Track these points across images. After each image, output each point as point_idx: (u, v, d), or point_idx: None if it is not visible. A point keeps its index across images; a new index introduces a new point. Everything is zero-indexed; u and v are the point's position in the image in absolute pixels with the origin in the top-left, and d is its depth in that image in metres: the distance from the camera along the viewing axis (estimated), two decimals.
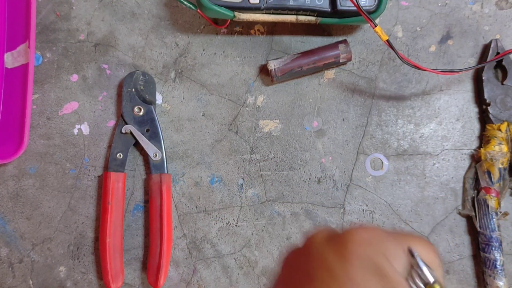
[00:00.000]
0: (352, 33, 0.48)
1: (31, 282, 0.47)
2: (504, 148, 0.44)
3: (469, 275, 0.46)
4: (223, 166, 0.48)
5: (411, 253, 0.23)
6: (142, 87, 0.48)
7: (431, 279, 0.22)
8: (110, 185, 0.46)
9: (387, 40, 0.41)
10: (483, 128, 0.47)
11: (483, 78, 0.46)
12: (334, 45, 0.46)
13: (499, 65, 0.46)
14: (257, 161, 0.48)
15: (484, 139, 0.46)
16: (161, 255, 0.45)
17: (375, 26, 0.40)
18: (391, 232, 0.23)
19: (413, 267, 0.22)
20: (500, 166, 0.44)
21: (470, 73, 0.48)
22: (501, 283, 0.42)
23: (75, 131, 0.48)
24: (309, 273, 0.23)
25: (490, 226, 0.43)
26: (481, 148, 0.45)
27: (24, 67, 0.48)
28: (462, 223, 0.46)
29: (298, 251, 0.25)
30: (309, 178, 0.47)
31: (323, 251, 0.23)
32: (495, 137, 0.44)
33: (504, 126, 0.44)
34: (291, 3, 0.43)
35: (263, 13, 0.44)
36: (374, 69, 0.48)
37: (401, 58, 0.41)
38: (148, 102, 0.47)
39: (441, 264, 0.24)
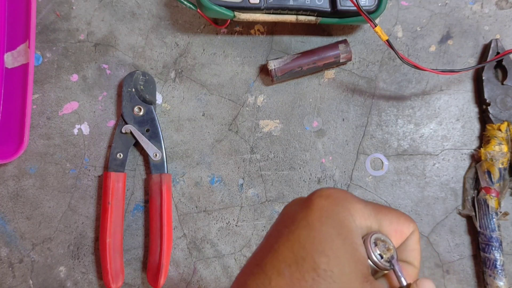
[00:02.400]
0: (352, 33, 0.48)
1: (31, 282, 0.47)
2: (504, 148, 0.44)
3: (469, 275, 0.46)
4: (223, 166, 0.48)
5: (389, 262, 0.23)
6: (142, 87, 0.48)
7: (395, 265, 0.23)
8: (110, 185, 0.46)
9: (387, 40, 0.40)
10: (483, 128, 0.47)
11: (483, 78, 0.46)
12: (334, 45, 0.46)
13: (499, 65, 0.46)
14: (257, 161, 0.48)
15: (484, 139, 0.46)
16: (161, 255, 0.45)
17: (375, 26, 0.40)
18: (362, 199, 0.24)
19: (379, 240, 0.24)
20: (500, 166, 0.44)
21: (470, 73, 0.48)
22: (501, 283, 0.42)
23: (75, 131, 0.48)
24: (279, 221, 0.25)
25: (490, 226, 0.43)
26: (481, 148, 0.45)
27: (24, 67, 0.48)
28: (462, 223, 0.46)
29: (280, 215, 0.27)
30: (309, 178, 0.47)
31: (293, 206, 0.25)
32: (495, 137, 0.44)
33: (504, 126, 0.44)
34: (291, 3, 0.43)
35: (263, 13, 0.44)
36: (374, 69, 0.48)
37: (401, 58, 0.41)
38: (148, 102, 0.47)
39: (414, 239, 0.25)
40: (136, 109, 0.47)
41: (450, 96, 0.48)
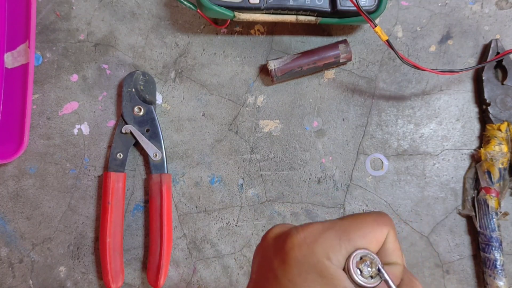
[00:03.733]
0: (352, 33, 0.48)
1: (31, 282, 0.47)
2: (504, 148, 0.44)
3: (469, 275, 0.46)
4: (223, 166, 0.48)
5: (379, 270, 0.23)
6: (142, 87, 0.48)
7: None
8: (110, 185, 0.46)
9: (387, 40, 0.40)
10: (483, 128, 0.47)
11: (483, 78, 0.46)
12: (334, 45, 0.46)
13: (499, 65, 0.46)
14: (257, 161, 0.48)
15: (484, 139, 0.46)
16: (161, 255, 0.45)
17: (375, 26, 0.40)
18: (330, 224, 0.24)
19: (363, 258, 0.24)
20: (500, 166, 0.44)
21: (470, 73, 0.48)
22: (501, 283, 0.42)
23: (75, 131, 0.48)
24: (261, 273, 0.25)
25: (490, 226, 0.43)
26: (481, 148, 0.45)
27: (24, 67, 0.48)
28: (462, 223, 0.46)
29: (258, 248, 0.27)
30: (309, 178, 0.47)
31: (270, 253, 0.24)
32: (495, 137, 0.44)
33: (504, 126, 0.44)
34: (291, 3, 0.43)
35: (263, 13, 0.44)
36: (374, 69, 0.48)
37: (401, 58, 0.41)
38: (148, 102, 0.47)
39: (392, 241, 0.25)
40: (136, 109, 0.47)
41: (450, 96, 0.48)
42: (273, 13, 0.44)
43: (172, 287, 0.47)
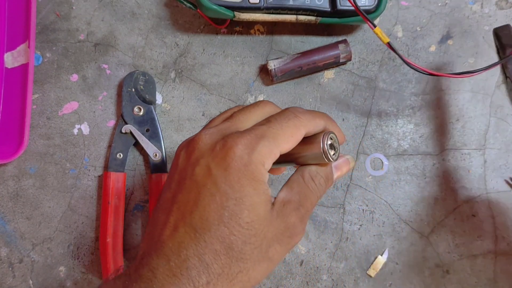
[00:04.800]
0: (352, 33, 0.48)
1: (31, 282, 0.47)
2: None
3: (469, 275, 0.46)
4: None
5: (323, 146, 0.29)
6: (142, 87, 0.48)
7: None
8: (110, 185, 0.46)
9: (388, 43, 0.39)
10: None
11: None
12: (334, 45, 0.46)
13: None
14: None
15: None
16: None
17: (374, 28, 0.39)
18: (261, 132, 0.27)
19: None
20: None
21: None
22: None
23: (75, 131, 0.48)
24: (196, 179, 0.27)
25: None
26: None
27: (24, 67, 0.48)
28: (462, 223, 0.46)
29: (187, 146, 0.29)
30: None
31: (207, 160, 0.27)
32: None
33: None
34: (291, 3, 0.43)
35: (263, 13, 0.44)
36: (374, 69, 0.48)
37: (407, 63, 0.39)
38: (148, 102, 0.47)
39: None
40: (136, 109, 0.47)
41: (450, 96, 0.48)
42: (273, 13, 0.44)
43: None
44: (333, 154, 0.30)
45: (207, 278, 0.25)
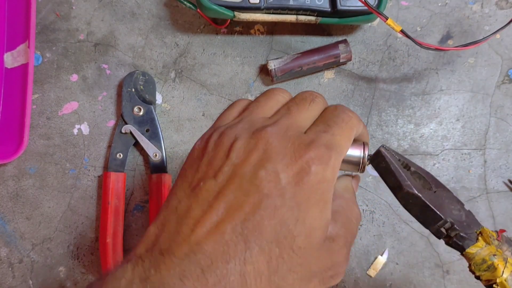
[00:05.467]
0: (352, 33, 0.48)
1: (31, 282, 0.47)
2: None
3: (469, 275, 0.46)
4: None
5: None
6: (142, 87, 0.48)
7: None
8: (110, 185, 0.46)
9: (402, 30, 0.40)
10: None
11: None
12: (334, 45, 0.46)
13: None
14: None
15: (475, 271, 0.31)
16: None
17: (386, 19, 0.39)
18: (287, 143, 0.24)
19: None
20: None
21: (470, 72, 0.48)
22: None
23: (75, 131, 0.48)
24: (259, 185, 0.23)
25: None
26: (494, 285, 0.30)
27: (24, 67, 0.47)
28: None
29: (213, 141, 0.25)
30: None
31: (278, 169, 0.23)
32: (494, 255, 0.29)
33: (483, 240, 0.30)
34: (291, 3, 0.43)
35: (263, 13, 0.44)
36: (374, 69, 0.48)
37: (419, 44, 0.41)
38: (148, 102, 0.47)
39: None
40: (136, 109, 0.47)
41: (450, 96, 0.48)
42: (273, 13, 0.44)
43: None
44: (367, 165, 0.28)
45: None
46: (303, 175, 0.23)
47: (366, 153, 0.27)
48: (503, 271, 0.26)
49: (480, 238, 0.29)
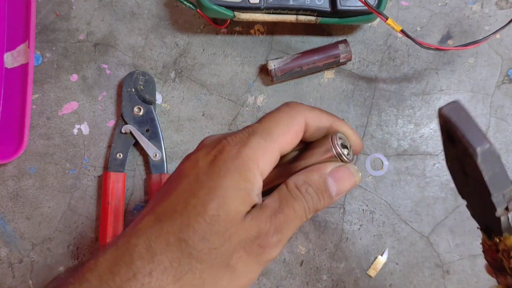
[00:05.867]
0: (352, 33, 0.48)
1: (30, 282, 0.47)
2: None
3: (469, 275, 0.46)
4: None
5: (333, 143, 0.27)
6: (142, 87, 0.48)
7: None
8: (110, 185, 0.46)
9: (402, 30, 0.40)
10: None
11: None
12: (334, 45, 0.46)
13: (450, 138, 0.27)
14: None
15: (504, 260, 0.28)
16: None
17: (386, 19, 0.40)
18: (253, 129, 0.26)
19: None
20: None
21: (470, 72, 0.48)
22: None
23: (75, 131, 0.48)
24: (181, 172, 0.25)
25: None
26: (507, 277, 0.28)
27: (24, 67, 0.47)
28: (462, 223, 0.46)
29: (188, 155, 0.28)
30: None
31: (198, 156, 0.25)
32: None
33: None
34: (291, 3, 0.43)
35: (263, 13, 0.44)
36: (374, 69, 0.48)
37: (419, 44, 0.41)
38: (148, 102, 0.47)
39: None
40: (136, 109, 0.47)
41: (450, 96, 0.48)
42: (273, 13, 0.44)
43: None
44: (348, 154, 0.27)
45: (151, 268, 0.23)
46: (217, 155, 0.25)
47: (336, 140, 0.26)
48: None
49: None
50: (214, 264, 0.23)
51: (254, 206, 0.25)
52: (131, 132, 0.47)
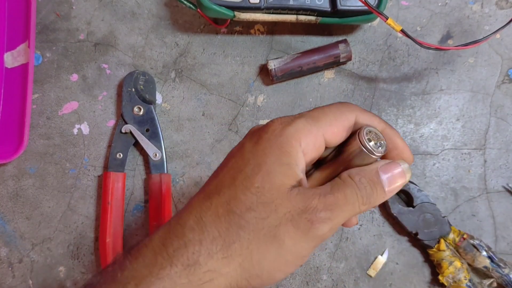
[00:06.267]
0: (352, 32, 0.48)
1: (30, 282, 0.47)
2: (457, 263, 0.42)
3: None
4: None
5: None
6: (142, 86, 0.48)
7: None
8: (110, 185, 0.46)
9: (402, 30, 0.40)
10: (425, 256, 0.45)
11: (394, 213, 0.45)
12: (334, 45, 0.46)
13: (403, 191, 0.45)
14: None
15: (436, 266, 0.44)
16: None
17: (386, 19, 0.39)
18: (300, 114, 0.27)
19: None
20: (467, 282, 0.42)
21: (470, 71, 0.48)
22: None
23: (75, 131, 0.48)
24: (229, 155, 0.27)
25: None
26: (439, 276, 0.43)
27: (24, 67, 0.48)
28: (462, 223, 0.46)
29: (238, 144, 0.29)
30: None
31: (245, 140, 0.27)
32: (443, 259, 0.43)
33: (442, 245, 0.43)
34: (291, 2, 0.43)
35: (263, 13, 0.44)
36: (374, 69, 0.48)
37: (419, 44, 0.41)
38: (148, 102, 0.47)
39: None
40: (136, 109, 0.47)
41: (450, 96, 0.48)
42: (273, 13, 0.44)
43: None
44: (375, 147, 0.26)
45: (200, 238, 0.24)
46: (261, 134, 0.26)
47: (363, 134, 0.26)
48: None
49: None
50: (261, 235, 0.24)
51: (300, 184, 0.26)
52: (131, 132, 0.47)
